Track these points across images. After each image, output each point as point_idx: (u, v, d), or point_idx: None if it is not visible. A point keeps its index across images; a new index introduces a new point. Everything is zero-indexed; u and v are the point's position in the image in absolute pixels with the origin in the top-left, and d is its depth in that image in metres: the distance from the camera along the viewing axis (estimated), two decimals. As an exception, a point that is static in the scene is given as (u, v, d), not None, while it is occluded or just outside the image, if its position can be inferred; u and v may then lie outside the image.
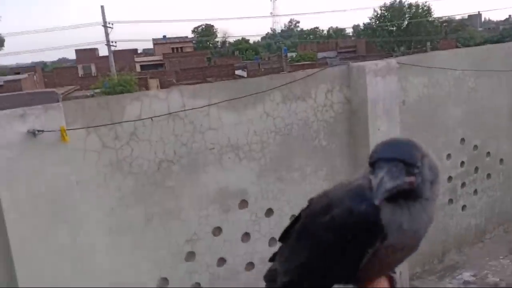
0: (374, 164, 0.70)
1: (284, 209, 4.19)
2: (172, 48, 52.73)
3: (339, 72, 4.49)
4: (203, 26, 62.30)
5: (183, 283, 3.73)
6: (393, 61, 4.59)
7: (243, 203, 3.99)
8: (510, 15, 75.96)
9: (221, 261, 3.89)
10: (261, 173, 4.04)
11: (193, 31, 62.89)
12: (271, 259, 0.92)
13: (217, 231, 3.89)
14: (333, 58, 40.18)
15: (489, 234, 5.85)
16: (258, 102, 3.99)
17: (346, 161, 4.56)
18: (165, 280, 3.67)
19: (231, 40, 63.38)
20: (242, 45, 59.24)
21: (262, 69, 32.70)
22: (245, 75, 27.57)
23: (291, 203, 4.22)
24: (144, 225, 3.56)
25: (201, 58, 42.86)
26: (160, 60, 45.43)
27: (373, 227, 0.69)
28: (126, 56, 43.06)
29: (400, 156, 0.69)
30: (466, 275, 5.10)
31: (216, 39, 64.12)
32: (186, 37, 56.46)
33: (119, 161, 3.42)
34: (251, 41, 66.10)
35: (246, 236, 4.02)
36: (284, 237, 0.90)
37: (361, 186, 0.73)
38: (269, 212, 4.14)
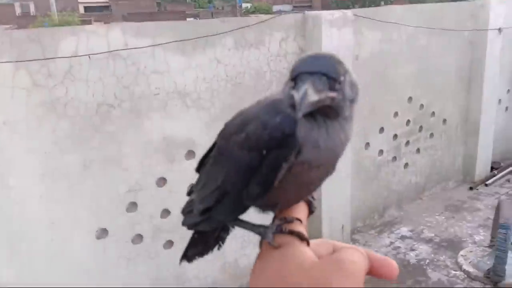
0: (295, 78, 0.65)
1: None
2: (119, -10, 49.97)
3: (294, 21, 4.29)
4: (153, -31, 58.85)
5: (124, 234, 3.56)
6: (349, 12, 4.44)
7: (190, 154, 3.81)
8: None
9: (165, 212, 3.74)
10: (210, 123, 3.85)
11: (143, -26, 59.34)
12: (189, 193, 0.86)
13: (162, 181, 3.71)
14: (288, 11, 39.67)
15: (427, 192, 6.08)
16: (208, 46, 3.73)
17: (297, 114, 4.46)
18: (104, 230, 3.48)
19: (183, -14, 60.56)
20: (194, -9, 56.91)
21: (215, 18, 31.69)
22: (197, 24, 26.60)
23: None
24: (82, 172, 3.31)
25: (151, 3, 41.00)
26: (106, 2, 43.08)
27: (287, 138, 0.65)
28: (68, -4, 40.18)
29: (323, 70, 0.64)
30: (404, 230, 5.29)
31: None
32: (135, -21, 53.29)
33: (53, 102, 3.11)
34: (203, -12, 63.63)
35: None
36: (201, 166, 0.84)
37: (276, 100, 0.69)
38: (217, 163, 4.00)
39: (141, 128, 3.54)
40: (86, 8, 42.81)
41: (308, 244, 0.62)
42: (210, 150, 0.80)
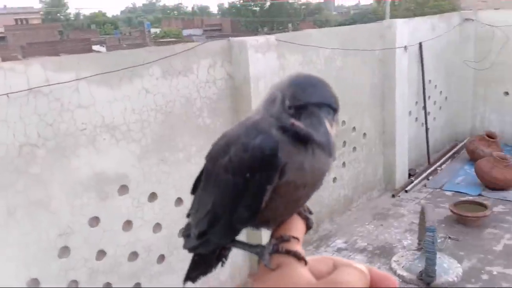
0: (300, 108, 0.64)
1: (169, 192, 3.95)
2: (16, 20, 47.12)
3: (220, 47, 4.33)
4: (52, -4, 56.43)
5: (57, 282, 3.28)
6: (272, 38, 4.58)
7: (123, 189, 3.64)
8: (359, 1, 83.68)
9: (101, 253, 3.52)
10: (142, 155, 3.73)
11: (41, 1, 56.67)
12: (188, 215, 0.85)
13: (95, 221, 3.50)
14: (200, 35, 39.88)
15: (355, 203, 6.37)
16: (135, 76, 3.63)
17: (229, 139, 4.46)
18: (35, 280, 3.19)
19: (86, 12, 58.73)
20: (99, 18, 55.33)
21: (124, 45, 31.01)
22: (104, 51, 25.78)
23: (177, 185, 3.99)
24: (6, 219, 3.02)
25: (51, 32, 39.01)
26: (1, 33, 40.34)
27: (269, 160, 0.65)
28: (-40, 27, 37.08)
29: (329, 101, 0.64)
30: (339, 242, 5.48)
31: (68, 11, 58.78)
32: (32, 7, 50.77)
33: (-32, 147, 2.82)
34: (109, 15, 62.16)
35: (127, 224, 3.70)
36: (195, 188, 0.84)
37: (256, 122, 0.68)
38: (153, 196, 3.86)
39: (69, 166, 3.33)
40: (-24, 40, 39.73)
41: (305, 263, 0.61)
42: (203, 172, 0.79)
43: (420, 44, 7.09)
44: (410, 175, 7.05)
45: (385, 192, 6.75)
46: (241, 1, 51.25)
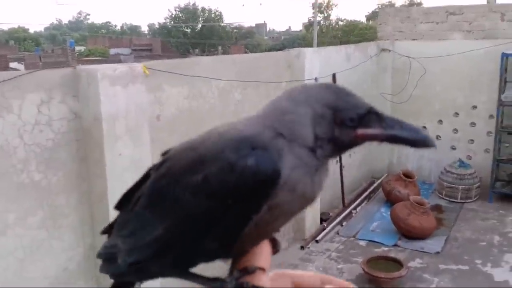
0: (364, 116, 0.59)
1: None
2: None
3: (60, 78, 3.24)
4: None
5: None
6: (137, 66, 3.57)
7: None
8: (289, 27, 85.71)
9: None
10: None
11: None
12: (105, 231, 0.72)
13: None
14: (127, 55, 38.59)
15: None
16: None
17: (74, 199, 3.36)
18: None
19: (5, 27, 54.94)
20: (19, 34, 52.06)
21: (41, 63, 28.94)
22: (23, 68, 23.68)
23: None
24: None
25: (-37, 47, 36.00)
26: None
27: (266, 185, 0.53)
28: None
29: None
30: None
31: (-17, 25, 54.65)
32: None
33: None
34: (31, 31, 58.81)
35: None
36: (123, 203, 0.69)
37: (251, 132, 0.57)
38: None
39: None
40: None
41: None
42: (139, 184, 0.68)
43: (334, 75, 6.42)
44: (322, 220, 6.26)
45: (293, 243, 5.87)
46: (172, 23, 50.37)
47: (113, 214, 2.40)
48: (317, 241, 5.84)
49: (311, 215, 6.03)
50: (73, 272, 3.38)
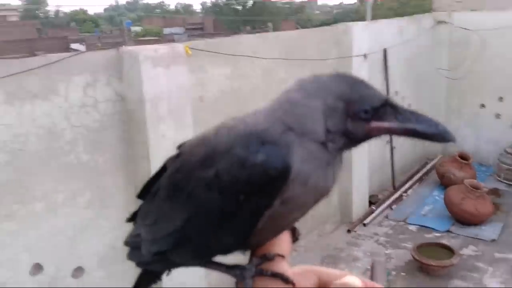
0: (379, 108, 0.57)
1: (19, 258, 2.90)
2: (-8, 17, 45.93)
3: (105, 60, 3.28)
4: (31, -8, 54.68)
5: None
6: (179, 47, 3.55)
7: None
8: (342, 1, 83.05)
9: None
10: (-29, 212, 2.67)
11: (19, -2, 54.96)
12: (130, 219, 0.74)
13: None
14: (181, 34, 39.09)
15: (303, 241, 5.36)
16: (-44, 104, 2.57)
17: (121, 180, 3.44)
18: None
19: (67, 10, 57.14)
20: (79, 16, 54.08)
21: (100, 44, 30.02)
22: (83, 49, 24.65)
23: (33, 248, 2.95)
24: None
25: (29, 29, 37.98)
26: None
27: (276, 181, 0.53)
28: None
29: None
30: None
31: (48, 8, 57.06)
32: (10, 4, 49.40)
33: None
34: (91, 12, 60.92)
35: None
36: (145, 192, 0.71)
37: (261, 127, 0.56)
38: (-9, 266, 2.81)
39: None
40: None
41: (293, 285, 0.56)
42: (158, 175, 0.69)
43: (385, 51, 6.13)
44: (371, 203, 6.09)
45: (340, 226, 5.76)
46: (224, 0, 50.31)
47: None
48: (364, 225, 5.69)
49: (358, 197, 5.88)
50: (120, 251, 3.48)
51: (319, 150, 0.57)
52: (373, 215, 5.83)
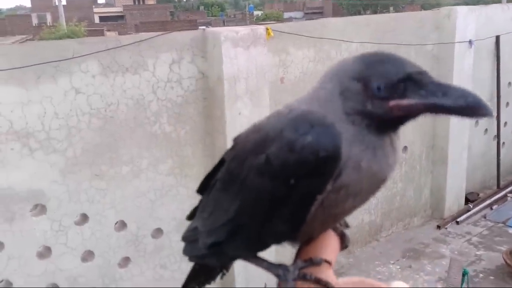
0: (399, 82, 0.52)
1: (106, 213, 3.31)
2: (134, 0, 50.53)
3: (190, 39, 3.53)
4: (167, -23, 59.03)
5: None
6: (260, 29, 3.65)
7: (40, 209, 3.07)
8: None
9: (7, 284, 3.00)
10: (68, 169, 3.11)
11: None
12: (190, 217, 0.76)
13: (-3, 246, 2.97)
14: (300, 18, 39.25)
15: (385, 232, 5.20)
16: (60, 74, 2.99)
17: (199, 151, 3.69)
18: None
19: (197, -6, 60.63)
20: (208, 0, 57.02)
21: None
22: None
23: (118, 206, 3.34)
24: None
25: (163, 12, 41.41)
26: (121, 12, 43.69)
27: (327, 163, 0.51)
28: (84, 6, 40.47)
29: (423, 68, 0.55)
30: (349, 282, 4.44)
31: (181, -7, 61.25)
32: (147, -12, 53.80)
33: None
34: (219, -3, 63.79)
35: (46, 250, 3.13)
36: (204, 187, 0.72)
37: (306, 112, 0.55)
38: (83, 218, 3.24)
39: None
40: (101, 18, 43.34)
41: None
42: (216, 169, 0.70)
43: (497, 38, 5.56)
44: (468, 201, 5.65)
45: (430, 221, 5.46)
46: (345, -16, 48.99)
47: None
48: (457, 222, 5.32)
49: (453, 193, 5.50)
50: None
51: (360, 133, 0.55)
52: (469, 213, 5.41)
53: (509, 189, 5.91)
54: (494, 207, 5.59)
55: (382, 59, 0.56)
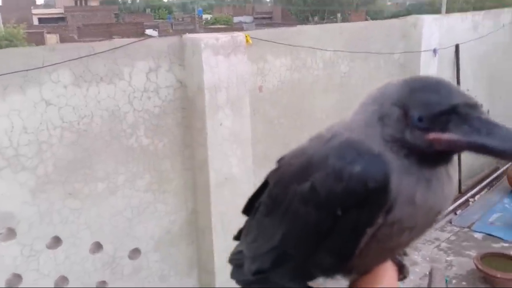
0: (442, 114, 0.48)
1: (80, 235, 3.04)
2: (75, 1, 48.70)
3: (167, 47, 3.34)
4: (110, -22, 57.37)
5: None
6: (240, 36, 3.54)
7: (9, 233, 2.77)
8: (416, -7, 79.32)
9: (-32, 317, 2.69)
10: (39, 188, 2.83)
11: (99, -17, 57.75)
12: (237, 237, 0.72)
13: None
14: (249, 23, 39.40)
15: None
16: (29, 84, 2.73)
17: (178, 164, 3.50)
18: None
19: (143, -3, 59.44)
20: (154, 3, 56.09)
21: (172, 30, 31.03)
22: (156, 35, 25.58)
23: (93, 226, 3.09)
24: None
25: (108, 14, 40.22)
26: (62, 14, 41.98)
27: (376, 194, 0.48)
28: (21, 7, 38.35)
29: (474, 100, 0.50)
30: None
31: (126, -6, 59.81)
32: (90, -11, 52.00)
33: None
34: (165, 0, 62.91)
35: (16, 278, 2.83)
36: (249, 208, 0.69)
37: (355, 138, 0.53)
38: (56, 241, 2.96)
39: None
40: (40, 20, 41.45)
41: None
42: (262, 189, 0.67)
43: (457, 47, 5.78)
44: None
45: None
46: (293, -12, 49.88)
47: (214, 182, 2.46)
48: (425, 227, 5.43)
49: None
50: (175, 235, 3.57)
51: (408, 163, 0.51)
52: (435, 218, 5.54)
53: (469, 194, 6.14)
54: (458, 212, 5.78)
55: (428, 86, 0.52)
